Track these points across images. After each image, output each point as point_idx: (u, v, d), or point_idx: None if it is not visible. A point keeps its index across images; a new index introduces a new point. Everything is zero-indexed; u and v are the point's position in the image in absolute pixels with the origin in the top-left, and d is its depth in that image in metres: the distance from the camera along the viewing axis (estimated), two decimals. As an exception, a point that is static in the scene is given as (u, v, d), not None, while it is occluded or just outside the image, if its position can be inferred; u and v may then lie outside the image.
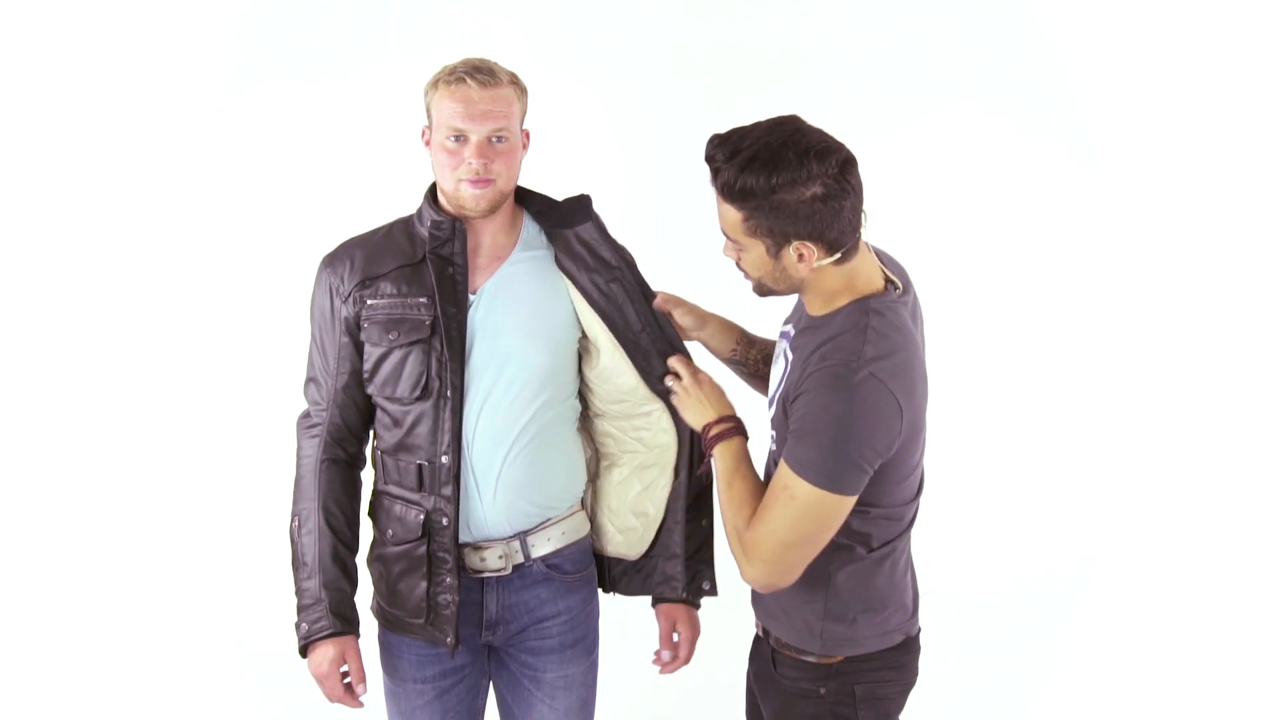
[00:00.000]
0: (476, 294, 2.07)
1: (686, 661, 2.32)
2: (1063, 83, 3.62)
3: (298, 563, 2.12)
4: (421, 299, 2.05)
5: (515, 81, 2.04)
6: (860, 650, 1.95)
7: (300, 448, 2.16)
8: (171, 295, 3.55)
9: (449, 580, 2.08)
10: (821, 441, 1.77)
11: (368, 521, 2.19)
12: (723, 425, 2.02)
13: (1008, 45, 3.61)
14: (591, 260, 2.11)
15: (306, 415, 2.17)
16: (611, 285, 2.12)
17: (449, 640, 2.10)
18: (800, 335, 1.92)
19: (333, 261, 2.12)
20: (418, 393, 2.04)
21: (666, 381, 2.13)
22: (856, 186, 1.78)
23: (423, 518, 2.08)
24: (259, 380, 3.47)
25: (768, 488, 1.87)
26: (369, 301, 2.07)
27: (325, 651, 2.09)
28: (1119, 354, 3.71)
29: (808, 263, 1.82)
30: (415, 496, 2.09)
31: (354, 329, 2.09)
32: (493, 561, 2.11)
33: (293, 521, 2.14)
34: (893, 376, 1.78)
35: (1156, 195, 3.65)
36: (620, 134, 3.63)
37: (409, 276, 2.06)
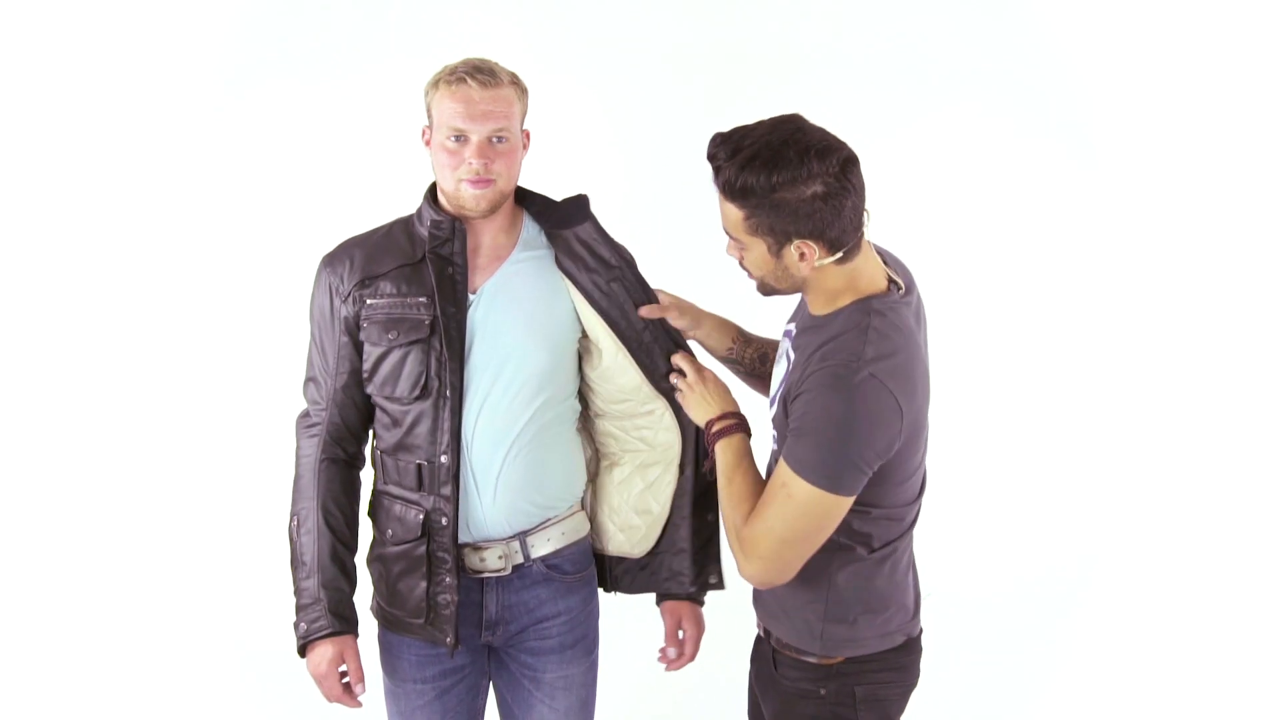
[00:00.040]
0: (476, 294, 2.07)
1: (692, 659, 2.33)
2: (1063, 83, 3.62)
3: (296, 562, 2.13)
4: (421, 299, 2.05)
5: (516, 82, 2.04)
6: (861, 651, 1.95)
7: (299, 447, 2.16)
8: (172, 295, 3.55)
9: (448, 580, 2.08)
10: (821, 441, 1.77)
11: (367, 522, 2.19)
12: (725, 422, 2.02)
13: (1008, 45, 3.61)
14: (591, 260, 2.11)
15: (306, 415, 2.17)
16: (612, 285, 2.11)
17: (449, 640, 2.10)
18: (802, 334, 1.92)
19: (332, 261, 2.12)
20: (417, 392, 2.04)
21: (671, 379, 2.14)
22: (858, 185, 1.78)
23: (422, 517, 2.08)
24: (259, 380, 3.47)
25: (767, 485, 1.88)
26: (368, 301, 2.07)
27: (324, 651, 2.09)
28: (1119, 354, 3.70)
29: (809, 261, 1.82)
30: (415, 496, 2.09)
31: (353, 328, 2.09)
32: (492, 562, 2.11)
33: (291, 521, 2.14)
34: (893, 377, 1.78)
35: (1156, 195, 3.64)
36: (620, 134, 3.63)
37: (409, 276, 2.06)
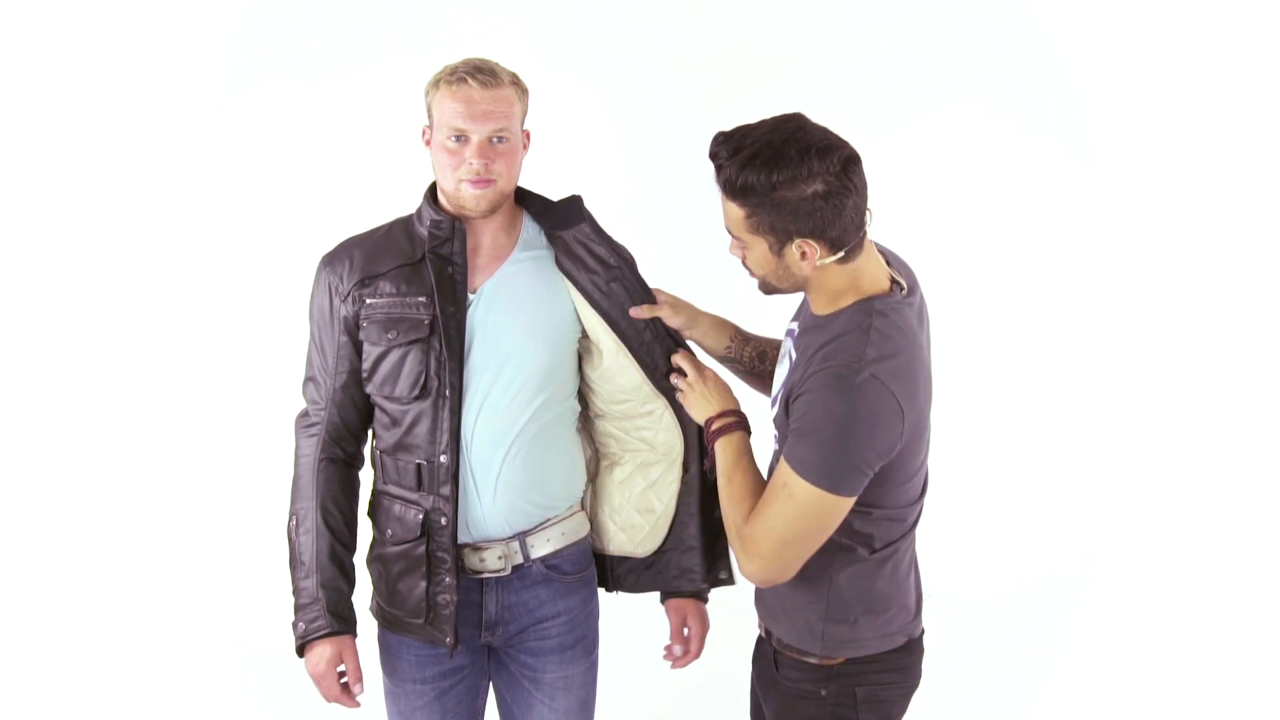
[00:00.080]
0: (476, 293, 2.07)
1: (697, 656, 2.33)
2: (1063, 83, 3.62)
3: (295, 562, 2.12)
4: (420, 298, 2.04)
5: (516, 82, 2.04)
6: (862, 652, 1.95)
7: (298, 447, 2.16)
8: (171, 295, 3.55)
9: (448, 580, 2.07)
10: (822, 442, 1.77)
11: (366, 522, 2.19)
12: (724, 420, 2.02)
13: (1008, 45, 3.61)
14: (591, 260, 2.11)
15: (305, 414, 2.17)
16: (612, 285, 2.11)
17: (448, 640, 2.09)
18: (804, 334, 1.91)
19: (332, 261, 2.12)
20: (416, 392, 2.04)
21: (672, 378, 2.13)
22: (859, 185, 1.78)
23: (421, 517, 2.07)
24: (258, 380, 3.47)
25: (768, 484, 1.87)
26: (368, 301, 2.07)
27: (322, 651, 2.09)
28: (1119, 354, 3.70)
29: (810, 261, 1.81)
30: (414, 496, 2.08)
31: (353, 328, 2.08)
32: (492, 562, 2.11)
33: (290, 521, 2.14)
34: (894, 378, 1.77)
35: (1156, 195, 3.64)
36: (620, 134, 3.63)
37: (408, 276, 2.06)
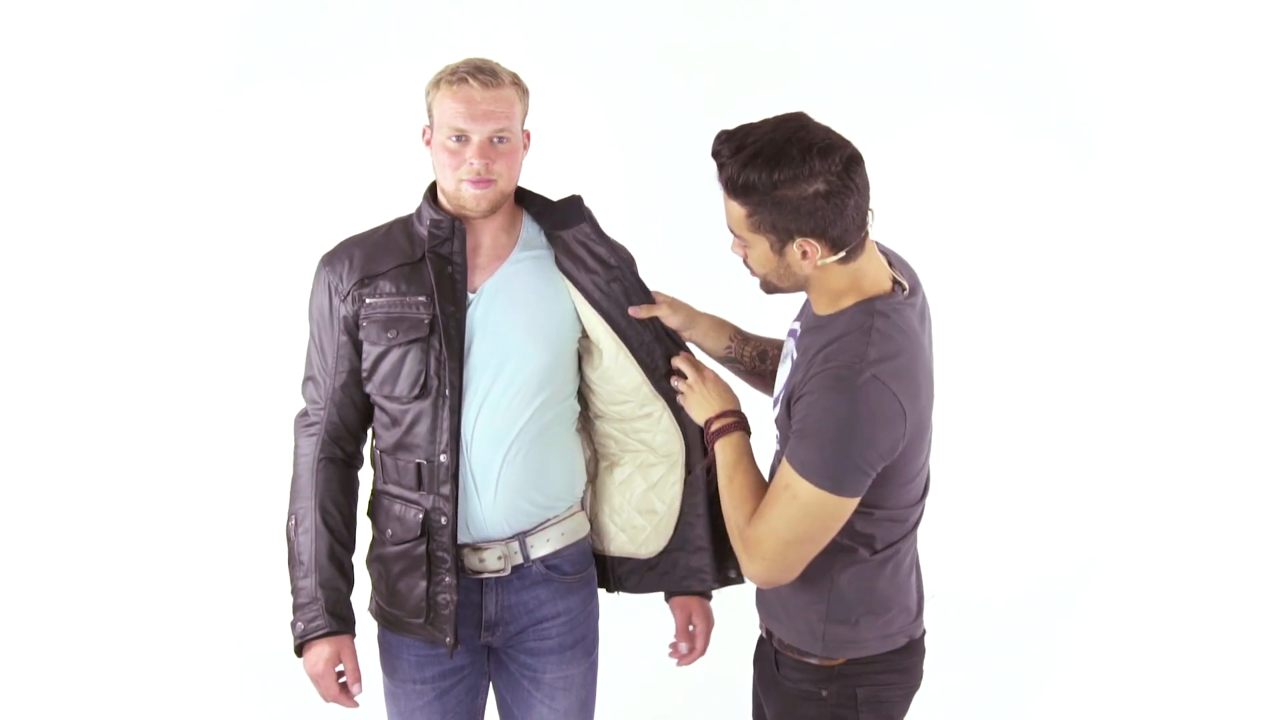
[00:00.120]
0: (476, 293, 2.07)
1: (703, 653, 2.33)
2: (1063, 83, 3.62)
3: (294, 561, 2.12)
4: (420, 297, 2.04)
5: (517, 82, 2.04)
6: (862, 652, 1.95)
7: (297, 446, 2.16)
8: (171, 295, 3.55)
9: (448, 580, 2.07)
10: (824, 443, 1.77)
11: (365, 523, 2.19)
12: (724, 420, 2.02)
13: (1008, 45, 3.61)
14: (591, 261, 2.11)
15: (304, 414, 2.16)
16: (613, 285, 2.11)
17: (448, 640, 2.09)
18: (806, 335, 1.91)
19: (331, 260, 2.12)
20: (416, 391, 2.04)
21: (672, 381, 2.13)
22: (861, 185, 1.78)
23: (421, 517, 2.07)
24: (258, 379, 3.47)
25: (770, 485, 1.87)
26: (368, 300, 2.07)
27: (320, 651, 2.09)
28: (1119, 355, 3.70)
29: (811, 260, 1.81)
30: (414, 496, 2.08)
31: (352, 328, 2.08)
32: (491, 562, 2.11)
33: (289, 520, 2.14)
34: (896, 379, 1.77)
35: (1156, 195, 3.64)
36: (620, 134, 3.63)
37: (408, 275, 2.06)
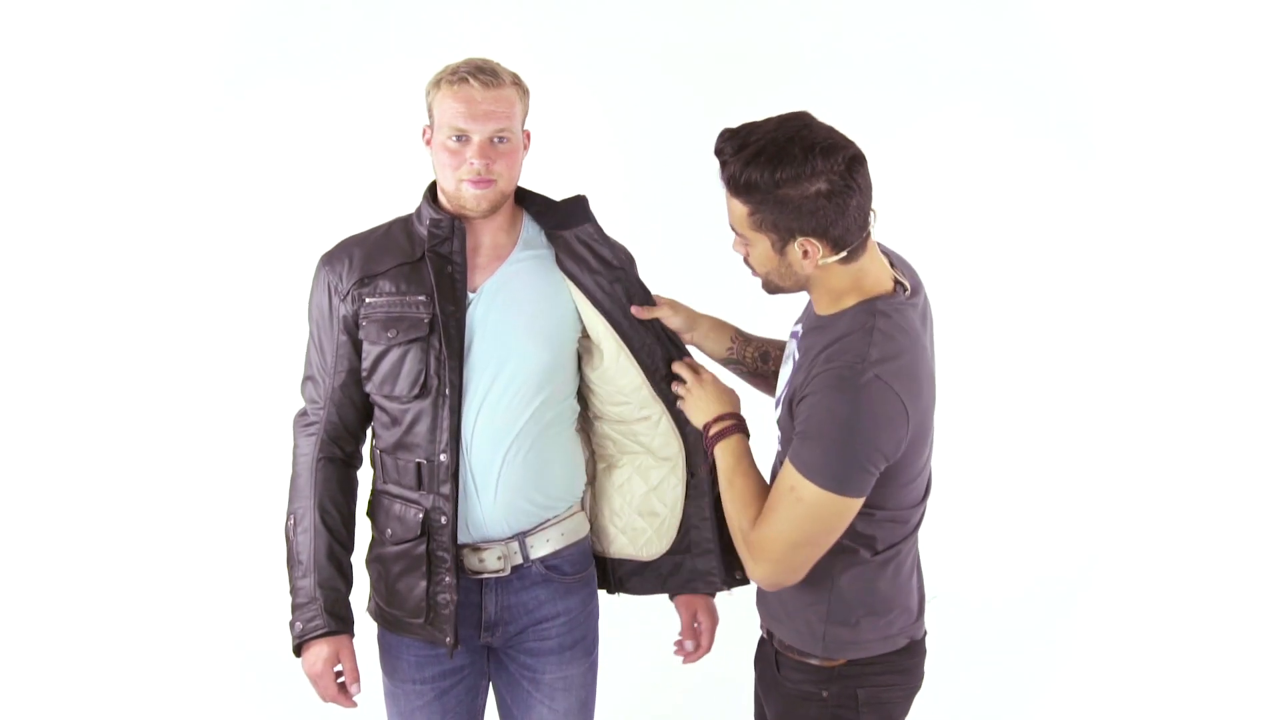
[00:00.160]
0: (476, 293, 2.07)
1: (708, 650, 2.33)
2: (1063, 83, 3.62)
3: (293, 561, 2.12)
4: (420, 297, 2.04)
5: (517, 82, 2.04)
6: (863, 653, 1.95)
7: (297, 446, 2.16)
8: (171, 295, 3.55)
9: (448, 580, 2.07)
10: (827, 444, 1.77)
11: (365, 523, 2.19)
12: (722, 424, 2.02)
13: (1008, 45, 3.61)
14: (594, 261, 2.11)
15: (303, 414, 2.16)
16: (615, 285, 2.11)
17: (448, 640, 2.09)
18: (807, 335, 1.91)
19: (331, 260, 2.12)
20: (416, 391, 2.04)
21: (672, 386, 2.13)
22: (863, 184, 1.78)
23: (421, 516, 2.07)
24: (258, 379, 3.47)
25: (773, 487, 1.87)
26: (367, 300, 2.07)
27: (319, 650, 2.09)
28: (1119, 355, 3.70)
29: (812, 259, 1.81)
30: (414, 495, 2.08)
31: (352, 327, 2.08)
32: (491, 563, 2.11)
33: (288, 520, 2.14)
34: (898, 379, 1.77)
35: (1156, 195, 3.64)
36: (620, 134, 3.63)
37: (408, 275, 2.06)
